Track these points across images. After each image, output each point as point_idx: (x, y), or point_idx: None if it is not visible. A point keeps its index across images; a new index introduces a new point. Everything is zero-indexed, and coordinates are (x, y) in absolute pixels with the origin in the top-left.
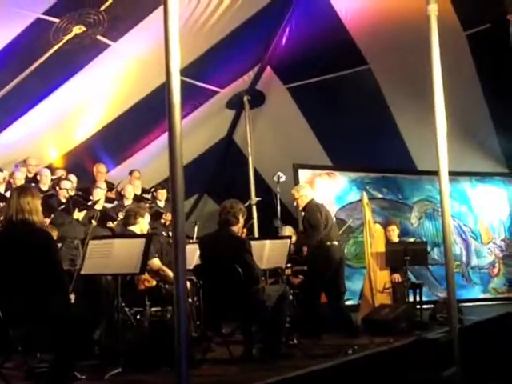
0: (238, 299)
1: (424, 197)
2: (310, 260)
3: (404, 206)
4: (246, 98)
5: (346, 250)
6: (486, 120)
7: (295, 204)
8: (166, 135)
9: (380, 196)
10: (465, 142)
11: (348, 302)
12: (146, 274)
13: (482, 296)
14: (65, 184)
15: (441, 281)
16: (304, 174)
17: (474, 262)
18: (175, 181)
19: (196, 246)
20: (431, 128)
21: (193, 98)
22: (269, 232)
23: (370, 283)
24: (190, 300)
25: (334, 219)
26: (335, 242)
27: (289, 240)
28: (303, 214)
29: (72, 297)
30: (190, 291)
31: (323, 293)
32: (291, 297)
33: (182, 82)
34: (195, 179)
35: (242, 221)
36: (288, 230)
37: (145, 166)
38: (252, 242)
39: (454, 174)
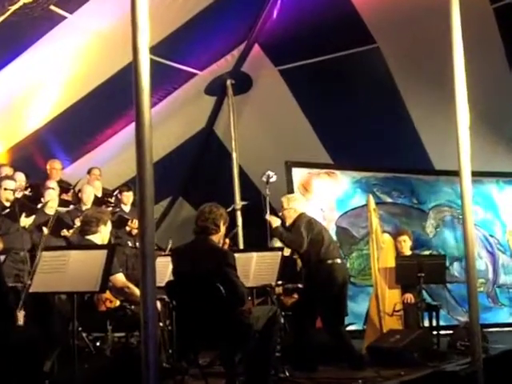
0: (219, 323)
1: (442, 201)
2: (307, 278)
3: (418, 212)
4: (229, 82)
5: (348, 265)
6: None
7: (281, 214)
8: (132, 126)
9: (389, 200)
10: (491, 137)
11: (351, 327)
12: (108, 292)
13: (511, 320)
14: (8, 184)
15: (462, 302)
16: (299, 174)
17: (502, 279)
18: (143, 181)
19: (169, 259)
20: (451, 120)
21: (165, 81)
22: (256, 242)
23: (377, 304)
24: (160, 324)
25: (335, 229)
26: (338, 260)
27: (280, 252)
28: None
29: (20, 316)
30: (161, 313)
31: (320, 317)
32: (282, 320)
33: (153, 63)
34: (168, 179)
35: (223, 229)
36: (275, 220)
37: (107, 163)
38: (236, 255)
39: (478, 175)
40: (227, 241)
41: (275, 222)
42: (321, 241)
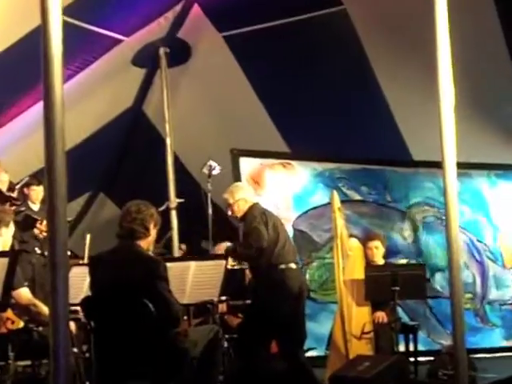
0: (147, 348)
1: (422, 199)
2: (254, 291)
3: (393, 211)
4: (162, 51)
5: (307, 277)
6: (510, 91)
7: (229, 213)
8: (40, 105)
9: (358, 197)
10: (480, 122)
11: (310, 353)
12: (10, 310)
13: (504, 344)
14: None
15: (445, 322)
16: (248, 165)
17: (493, 294)
18: (54, 172)
19: (86, 270)
20: (433, 100)
21: (82, 49)
22: (195, 249)
23: (342, 325)
24: (75, 350)
25: (292, 232)
26: (292, 265)
27: (224, 261)
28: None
29: None
30: (76, 336)
31: (274, 339)
32: (226, 344)
33: (66, 26)
34: (85, 170)
35: (153, 232)
36: (224, 248)
37: (10, 150)
38: (169, 265)
39: (466, 167)
40: (183, 246)
41: (223, 248)
42: (275, 239)
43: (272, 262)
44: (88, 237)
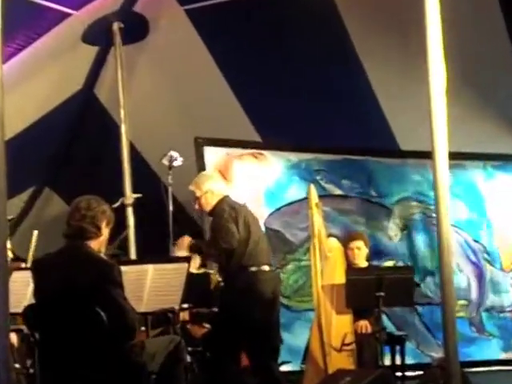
0: (100, 362)
1: (410, 194)
2: (222, 297)
3: (378, 208)
4: (116, 27)
5: (281, 281)
6: (509, 71)
7: (196, 207)
8: None
9: (338, 192)
10: (476, 107)
11: (285, 367)
12: None
13: (502, 356)
14: None
15: (436, 331)
16: (214, 155)
17: (491, 300)
18: None
19: (29, 275)
20: (421, 84)
21: (25, 24)
22: (154, 250)
23: (320, 336)
24: (16, 366)
25: (264, 230)
26: (265, 267)
27: (186, 264)
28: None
29: None
30: (18, 350)
31: (244, 351)
32: (189, 357)
33: None
34: (29, 163)
35: (106, 232)
36: (187, 242)
37: None
38: (124, 268)
39: (459, 158)
40: (112, 248)
41: (187, 242)
42: (246, 238)
43: (242, 264)
44: (35, 234)
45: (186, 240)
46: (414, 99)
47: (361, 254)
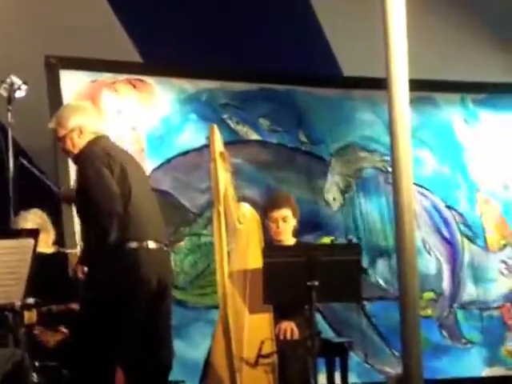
0: None
1: (356, 139)
2: (86, 287)
3: (310, 160)
4: None
5: (173, 266)
6: None
7: (62, 150)
8: None
9: (255, 137)
10: (451, 18)
11: None
12: None
13: (486, 373)
14: None
15: (391, 337)
16: (73, 82)
17: (470, 292)
18: None
19: None
20: None
21: None
22: None
23: (227, 344)
24: None
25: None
26: (150, 244)
27: (32, 240)
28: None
29: None
30: None
31: (119, 364)
32: (36, 377)
33: None
34: None
35: None
36: (33, 218)
37: None
38: None
39: (425, 88)
40: None
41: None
42: (124, 200)
43: (115, 237)
44: None
45: (34, 215)
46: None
47: (287, 227)
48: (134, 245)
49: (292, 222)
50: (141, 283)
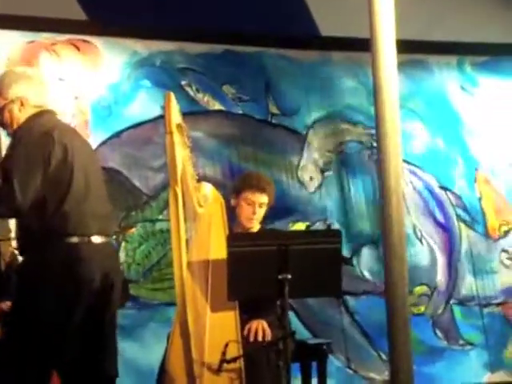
0: None
1: (336, 109)
2: (19, 282)
3: (282, 133)
4: None
5: (122, 257)
6: None
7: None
8: None
9: (218, 106)
10: None
11: None
12: None
13: (488, 378)
14: None
15: (377, 338)
16: (6, 42)
17: (469, 286)
18: None
19: None
20: None
21: None
22: None
23: (185, 347)
24: None
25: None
26: (95, 238)
27: None
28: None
29: None
30: None
31: (57, 376)
32: None
33: None
34: None
35: None
36: None
37: None
38: None
39: (416, 50)
40: None
41: None
42: (64, 187)
43: (54, 230)
44: None
45: None
46: None
47: (261, 215)
48: (74, 239)
49: (265, 210)
50: (82, 283)
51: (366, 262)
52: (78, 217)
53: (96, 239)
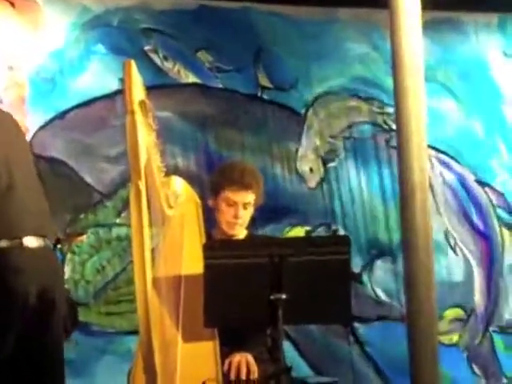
0: None
1: (343, 83)
2: None
3: (276, 113)
4: None
5: (67, 272)
6: None
7: None
8: None
9: (192, 79)
10: None
11: None
12: None
13: None
14: None
15: (394, 376)
16: None
17: None
18: None
19: None
20: None
21: None
22: None
23: None
24: None
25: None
26: (29, 241)
27: None
28: None
29: None
30: None
31: None
32: None
33: None
34: None
35: None
36: None
37: None
38: None
39: (446, 6)
40: None
41: None
42: None
43: None
44: None
45: None
46: None
47: (247, 217)
48: (2, 243)
49: (251, 212)
50: (12, 298)
51: (381, 279)
52: (7, 217)
53: (30, 242)
